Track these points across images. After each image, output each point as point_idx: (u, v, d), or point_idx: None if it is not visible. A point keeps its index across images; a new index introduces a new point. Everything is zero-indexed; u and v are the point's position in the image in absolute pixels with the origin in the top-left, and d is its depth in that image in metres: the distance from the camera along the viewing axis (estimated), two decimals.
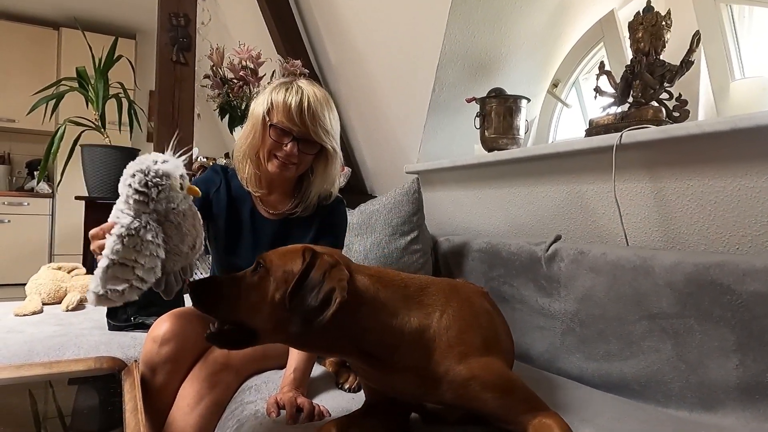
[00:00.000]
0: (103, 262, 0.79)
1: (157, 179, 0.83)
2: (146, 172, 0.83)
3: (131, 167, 0.85)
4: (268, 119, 1.22)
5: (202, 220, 1.24)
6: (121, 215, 0.83)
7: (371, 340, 0.82)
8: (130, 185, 0.83)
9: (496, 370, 0.84)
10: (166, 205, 0.84)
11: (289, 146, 1.21)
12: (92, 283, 0.79)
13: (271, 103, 1.22)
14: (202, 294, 0.82)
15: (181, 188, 0.88)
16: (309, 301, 0.76)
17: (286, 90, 1.22)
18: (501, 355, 0.91)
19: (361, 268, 0.87)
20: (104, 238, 0.83)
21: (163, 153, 0.92)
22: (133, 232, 0.80)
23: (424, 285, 0.89)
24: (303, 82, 1.25)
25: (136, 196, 0.82)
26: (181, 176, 0.88)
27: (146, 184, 0.82)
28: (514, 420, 0.83)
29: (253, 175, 1.29)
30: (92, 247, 0.86)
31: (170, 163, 0.87)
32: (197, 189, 0.92)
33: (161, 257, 0.82)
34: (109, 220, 0.87)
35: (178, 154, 0.91)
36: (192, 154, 0.93)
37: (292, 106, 1.19)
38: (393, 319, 0.83)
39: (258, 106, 1.25)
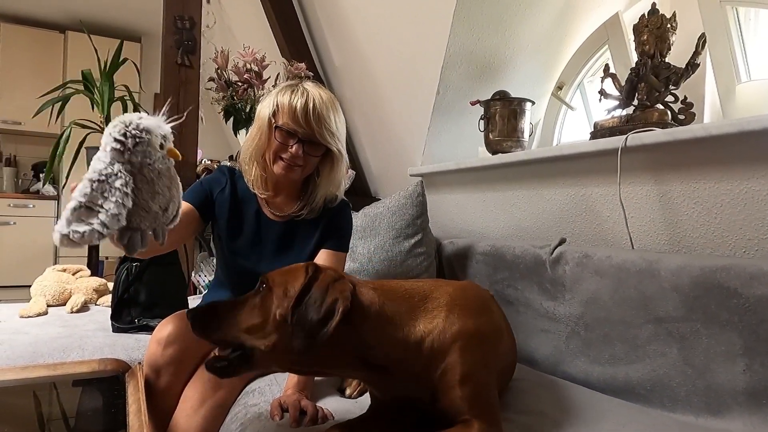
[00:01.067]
0: (71, 204, 0.80)
1: (137, 132, 0.85)
2: (127, 123, 0.85)
3: (115, 119, 0.88)
4: (273, 121, 1.23)
5: (203, 218, 1.26)
6: (96, 162, 0.85)
7: (377, 354, 0.82)
8: (110, 134, 0.85)
9: (478, 374, 0.84)
10: (142, 159, 0.85)
11: (294, 148, 1.21)
12: (59, 223, 0.81)
13: (277, 105, 1.23)
14: (203, 319, 0.83)
15: (162, 148, 0.89)
16: (311, 315, 0.76)
17: (292, 92, 1.23)
18: (495, 359, 0.91)
19: (365, 282, 0.87)
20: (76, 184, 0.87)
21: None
22: (104, 177, 0.82)
23: (428, 292, 0.89)
24: (309, 85, 1.25)
25: (114, 144, 0.84)
26: (164, 137, 0.90)
27: (124, 134, 0.84)
28: (455, 412, 0.83)
29: (260, 177, 1.29)
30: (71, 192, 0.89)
31: (153, 121, 0.89)
32: (177, 152, 0.93)
33: (127, 206, 0.82)
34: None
35: (169, 120, 0.93)
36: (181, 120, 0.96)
37: (298, 107, 1.20)
38: (399, 332, 0.83)
39: (264, 109, 1.26)
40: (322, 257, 1.29)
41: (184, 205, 1.28)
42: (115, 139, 0.84)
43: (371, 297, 0.83)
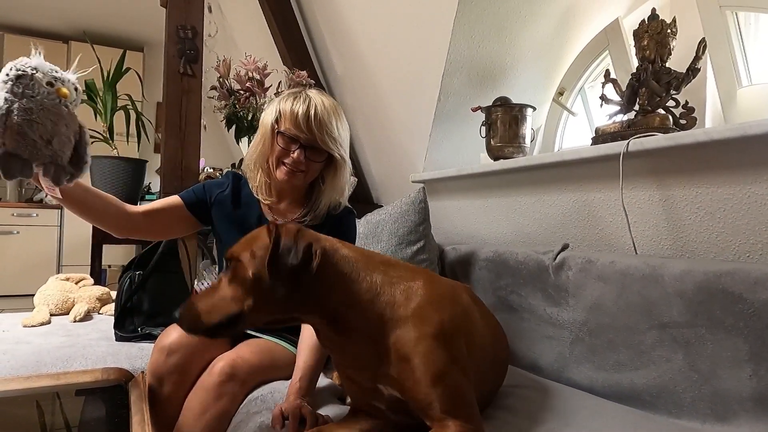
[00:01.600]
0: None
1: (21, 66, 0.95)
2: (17, 61, 0.97)
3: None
4: (276, 127, 1.24)
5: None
6: None
7: (333, 300, 0.86)
8: (2, 71, 0.96)
9: (439, 357, 0.83)
10: (23, 90, 0.94)
11: (296, 153, 1.22)
12: None
13: (280, 112, 1.25)
14: (190, 318, 0.87)
15: (50, 86, 0.99)
16: (290, 261, 0.82)
17: (294, 99, 1.24)
18: (459, 348, 0.87)
19: (344, 243, 0.93)
20: None
21: None
22: None
23: (392, 261, 0.94)
24: (312, 92, 1.27)
25: (1, 77, 0.94)
26: (56, 78, 1.00)
27: (10, 69, 0.95)
28: (428, 413, 0.82)
29: (264, 183, 1.31)
30: None
31: (43, 62, 1.00)
32: (66, 92, 1.01)
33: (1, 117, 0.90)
34: None
35: (76, 73, 1.05)
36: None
37: (299, 114, 1.21)
38: (354, 282, 0.87)
39: (267, 116, 1.28)
40: None
41: (174, 199, 1.33)
42: (3, 73, 0.95)
43: (333, 244, 0.90)
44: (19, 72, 0.95)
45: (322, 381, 1.21)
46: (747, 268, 1.01)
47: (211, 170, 2.88)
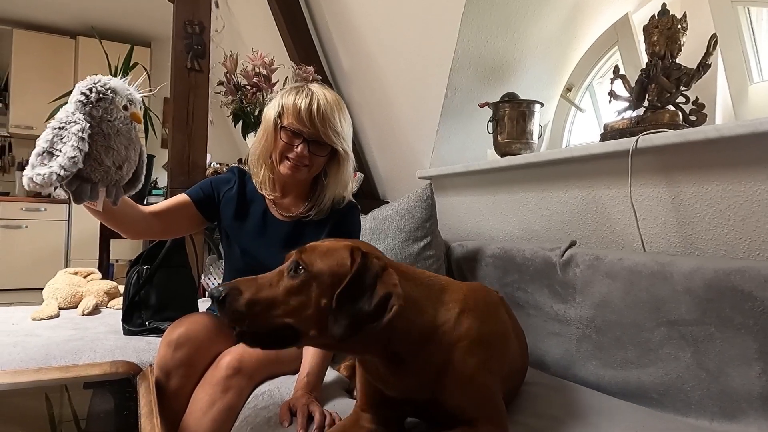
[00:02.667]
0: (35, 149, 0.88)
1: (102, 88, 0.92)
2: (96, 81, 0.93)
3: (88, 77, 0.95)
4: (279, 122, 1.24)
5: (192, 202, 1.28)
6: (60, 112, 0.92)
7: (398, 339, 0.80)
8: (78, 87, 0.92)
9: (483, 372, 0.85)
10: (102, 114, 0.91)
11: (299, 148, 1.23)
12: (26, 169, 0.88)
13: (282, 107, 1.25)
14: (231, 304, 0.77)
15: (126, 110, 0.96)
16: (361, 306, 0.74)
17: (297, 93, 1.24)
18: (498, 360, 0.91)
19: (393, 264, 0.85)
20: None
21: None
22: (63, 124, 0.89)
23: (445, 285, 0.90)
24: (314, 86, 1.27)
25: (78, 96, 0.91)
26: (130, 101, 0.96)
27: (90, 89, 0.91)
28: (457, 417, 0.82)
29: (268, 178, 1.32)
30: None
31: (121, 83, 0.96)
32: (140, 117, 0.99)
33: (83, 150, 0.87)
34: None
35: (140, 91, 1.00)
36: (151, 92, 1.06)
37: (302, 108, 1.21)
38: (420, 318, 0.82)
39: (270, 110, 1.28)
40: None
41: (182, 198, 1.32)
42: (81, 92, 0.91)
43: (408, 290, 0.81)
44: (101, 95, 0.91)
45: (329, 374, 1.21)
46: (757, 265, 1.00)
47: (218, 165, 2.88)
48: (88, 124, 0.89)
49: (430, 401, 0.85)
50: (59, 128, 0.88)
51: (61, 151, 0.86)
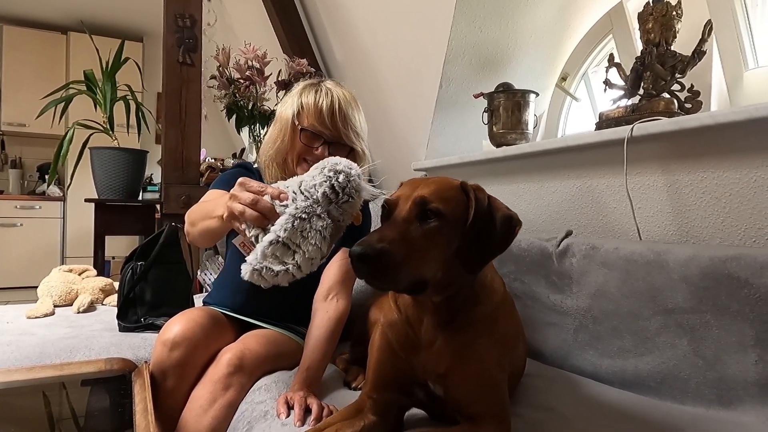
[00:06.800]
0: (269, 237, 0.77)
1: (352, 190, 0.84)
2: (350, 178, 0.83)
3: (342, 163, 0.85)
4: (297, 123, 1.20)
5: None
6: (299, 196, 0.81)
7: (473, 283, 0.84)
8: (330, 178, 0.82)
9: (498, 364, 0.86)
10: (339, 215, 0.84)
11: (320, 150, 1.19)
12: (251, 255, 0.77)
13: (301, 106, 1.20)
14: (378, 267, 0.69)
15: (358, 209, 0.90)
16: (489, 234, 0.76)
17: (316, 92, 1.20)
18: (513, 357, 0.94)
19: None
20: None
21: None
22: (306, 216, 0.79)
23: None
24: (330, 84, 1.23)
25: (328, 191, 0.81)
26: (365, 201, 0.89)
27: (343, 188, 0.82)
28: (462, 411, 0.82)
29: (280, 179, 1.28)
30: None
31: (367, 187, 0.88)
32: (360, 219, 0.92)
33: (323, 252, 0.79)
34: (276, 185, 0.85)
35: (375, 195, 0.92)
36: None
37: (324, 108, 1.18)
38: (486, 277, 0.88)
39: (287, 109, 1.23)
40: (341, 256, 1.28)
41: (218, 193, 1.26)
42: (332, 186, 0.81)
43: None
44: (349, 198, 0.83)
45: (328, 367, 1.20)
46: (753, 253, 1.00)
47: (213, 160, 2.86)
48: (330, 221, 0.80)
49: (438, 388, 0.85)
50: (300, 219, 0.78)
51: (300, 247, 0.76)
